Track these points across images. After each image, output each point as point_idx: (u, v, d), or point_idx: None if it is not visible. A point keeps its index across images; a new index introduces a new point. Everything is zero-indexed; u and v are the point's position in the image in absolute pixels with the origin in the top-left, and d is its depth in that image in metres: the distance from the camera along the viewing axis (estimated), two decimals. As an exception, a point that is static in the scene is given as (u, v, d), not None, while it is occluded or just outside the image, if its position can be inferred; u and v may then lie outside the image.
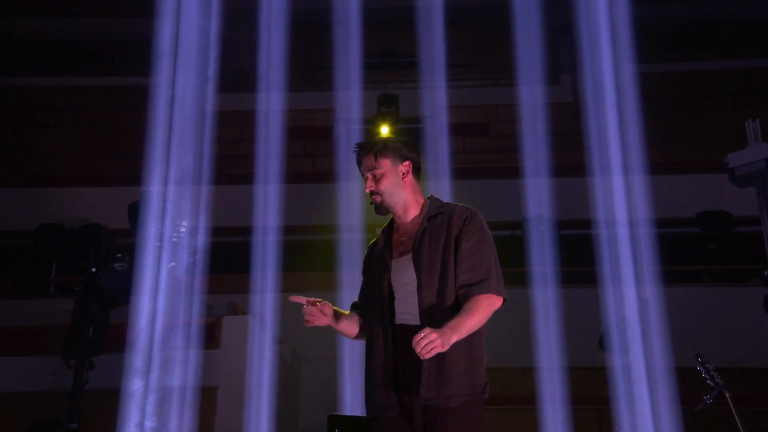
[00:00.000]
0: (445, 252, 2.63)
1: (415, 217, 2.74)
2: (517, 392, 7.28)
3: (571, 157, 8.94)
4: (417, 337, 2.31)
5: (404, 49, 11.69)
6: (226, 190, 7.71)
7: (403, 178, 2.73)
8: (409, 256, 2.67)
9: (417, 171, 2.79)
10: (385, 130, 11.02)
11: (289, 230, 6.82)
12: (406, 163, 2.75)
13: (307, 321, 2.61)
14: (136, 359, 5.07)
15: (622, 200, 6.74)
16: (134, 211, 5.02)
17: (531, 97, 9.57)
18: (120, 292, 5.10)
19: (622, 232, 6.67)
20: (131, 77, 7.49)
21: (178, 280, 5.14)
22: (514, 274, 8.51)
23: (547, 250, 7.72)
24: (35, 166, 10.25)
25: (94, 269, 5.26)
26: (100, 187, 8.73)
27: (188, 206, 5.34)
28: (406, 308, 2.62)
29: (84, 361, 5.42)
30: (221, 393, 6.25)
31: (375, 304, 2.70)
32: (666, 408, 5.24)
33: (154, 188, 5.27)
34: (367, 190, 2.74)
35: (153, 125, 5.77)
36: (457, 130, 11.41)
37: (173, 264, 5.07)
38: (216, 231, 6.19)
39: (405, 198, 2.74)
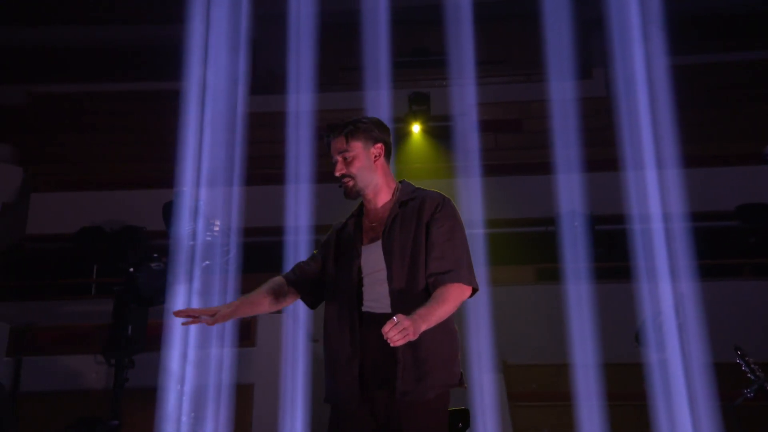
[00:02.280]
0: (416, 239, 2.54)
1: (386, 203, 2.65)
2: (553, 389, 7.22)
3: (604, 152, 8.82)
4: (388, 325, 2.19)
5: (435, 47, 11.64)
6: (258, 190, 7.75)
7: (375, 161, 2.62)
8: (380, 242, 2.57)
9: (388, 153, 2.69)
10: (416, 129, 11.04)
11: (320, 229, 6.82)
12: (378, 145, 2.64)
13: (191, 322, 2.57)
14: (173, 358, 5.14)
15: (658, 194, 6.62)
16: (169, 212, 5.08)
17: (563, 92, 9.48)
18: (157, 291, 5.17)
19: (659, 226, 6.55)
20: (165, 82, 7.57)
21: (212, 278, 5.19)
22: (549, 270, 8.45)
23: (582, 245, 7.63)
24: (76, 170, 10.43)
25: (131, 269, 5.34)
26: (139, 189, 8.84)
27: (221, 207, 5.39)
28: (374, 296, 2.53)
29: (124, 360, 5.51)
30: (257, 390, 6.28)
31: (341, 291, 2.60)
32: (704, 403, 5.13)
33: (187, 189, 5.33)
34: (338, 174, 2.62)
35: (186, 128, 5.84)
36: (489, 126, 11.36)
37: (207, 262, 5.11)
38: (249, 231, 6.23)
39: (376, 181, 2.63)
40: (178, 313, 2.57)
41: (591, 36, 10.98)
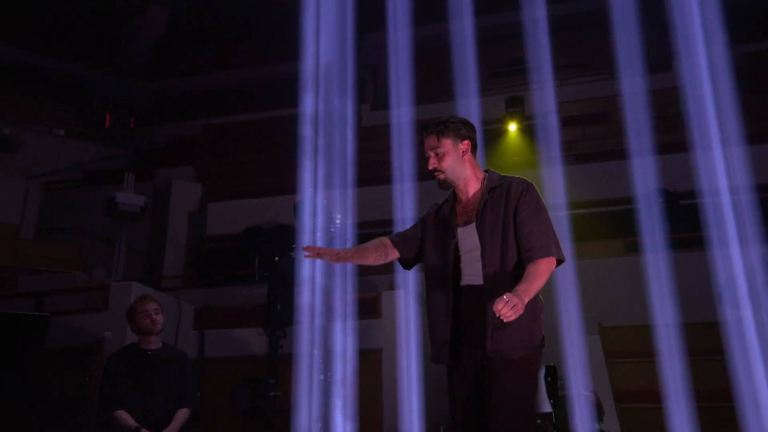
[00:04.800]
0: (505, 221, 2.50)
1: (476, 191, 2.61)
2: (645, 347, 6.87)
3: (684, 135, 8.29)
4: (500, 303, 2.17)
5: (526, 57, 11.35)
6: (370, 190, 7.85)
7: (463, 156, 2.59)
8: (474, 225, 2.53)
9: (475, 149, 2.63)
10: (513, 128, 10.81)
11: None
12: (466, 142, 2.60)
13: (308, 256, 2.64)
14: (308, 328, 5.31)
15: (739, 169, 6.11)
16: (299, 210, 5.28)
17: (645, 85, 9.04)
18: (295, 275, 5.38)
19: (738, 198, 6.05)
20: (293, 108, 7.74)
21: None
22: (636, 243, 8.04)
23: (665, 219, 7.21)
24: (240, 183, 11.02)
25: (276, 258, 5.60)
26: (286, 195, 9.17)
27: (341, 205, 5.53)
28: (472, 270, 2.51)
29: (276, 331, 5.77)
30: (384, 354, 6.35)
31: (439, 267, 2.59)
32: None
33: (313, 192, 5.50)
34: (431, 168, 2.60)
35: (314, 144, 6.02)
36: (577, 120, 10.96)
37: (332, 250, 5.24)
38: (363, 224, 6.31)
39: (465, 174, 2.60)
40: (306, 248, 2.66)
41: (668, 33, 10.34)
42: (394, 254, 2.79)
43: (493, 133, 10.91)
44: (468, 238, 2.54)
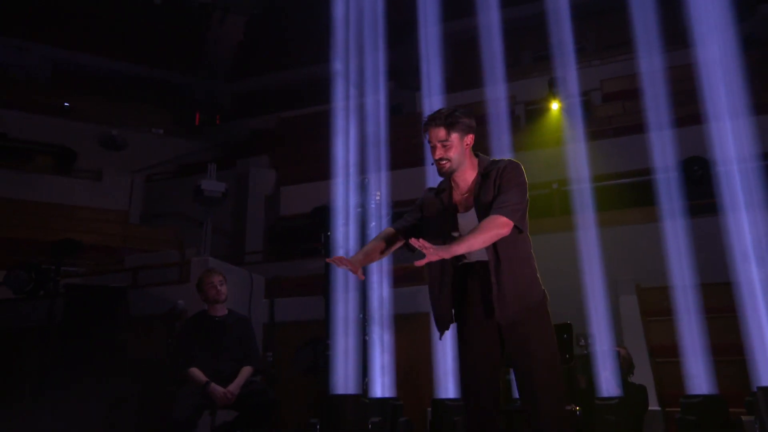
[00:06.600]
0: (494, 200, 2.49)
1: (472, 176, 2.59)
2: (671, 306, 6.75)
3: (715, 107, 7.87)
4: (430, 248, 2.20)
5: (568, 40, 10.99)
6: (406, 171, 7.95)
7: (466, 148, 2.57)
8: (473, 210, 2.54)
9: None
10: (555, 106, 10.59)
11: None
12: (471, 135, 2.56)
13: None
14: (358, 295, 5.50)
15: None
16: (336, 191, 5.47)
17: (680, 60, 8.71)
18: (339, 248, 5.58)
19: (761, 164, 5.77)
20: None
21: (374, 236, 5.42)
22: (670, 209, 7.78)
23: (698, 186, 6.94)
24: (308, 168, 11.35)
25: (328, 233, 5.82)
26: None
27: (380, 184, 5.67)
28: (478, 250, 2.47)
29: (329, 298, 5.97)
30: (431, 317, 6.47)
31: None
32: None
33: (359, 174, 5.69)
34: (437, 157, 2.55)
35: (355, 133, 6.19)
36: (616, 96, 10.60)
37: (373, 224, 5.42)
38: (399, 203, 6.39)
39: (466, 162, 2.58)
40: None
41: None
42: (400, 242, 2.74)
43: (538, 112, 10.75)
44: (469, 222, 2.53)
